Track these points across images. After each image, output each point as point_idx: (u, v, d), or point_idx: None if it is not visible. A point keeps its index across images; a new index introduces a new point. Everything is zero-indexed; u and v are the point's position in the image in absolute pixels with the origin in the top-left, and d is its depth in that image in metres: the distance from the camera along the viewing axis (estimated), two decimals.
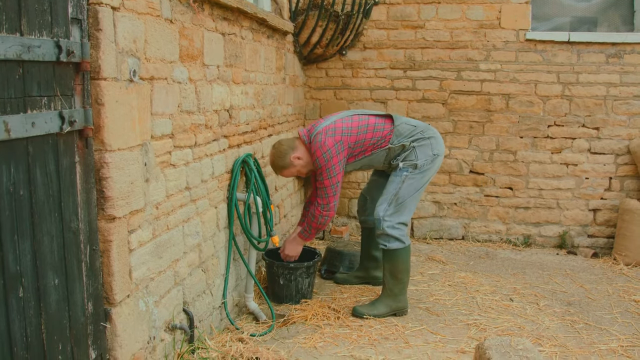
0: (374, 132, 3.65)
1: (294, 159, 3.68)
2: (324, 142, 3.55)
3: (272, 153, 3.76)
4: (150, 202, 2.44)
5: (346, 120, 3.67)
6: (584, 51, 5.27)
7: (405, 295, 3.74)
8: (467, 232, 5.61)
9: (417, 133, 3.68)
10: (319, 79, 5.66)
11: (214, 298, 3.26)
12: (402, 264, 3.66)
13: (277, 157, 3.71)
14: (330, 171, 3.58)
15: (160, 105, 2.50)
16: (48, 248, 1.80)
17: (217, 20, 3.16)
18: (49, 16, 1.77)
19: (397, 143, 3.66)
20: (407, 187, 3.62)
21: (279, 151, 3.71)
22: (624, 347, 3.35)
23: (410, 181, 3.63)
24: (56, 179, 1.84)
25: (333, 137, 3.57)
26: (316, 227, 3.74)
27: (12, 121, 1.59)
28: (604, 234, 5.42)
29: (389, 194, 3.63)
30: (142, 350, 2.39)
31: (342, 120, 3.66)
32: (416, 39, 5.47)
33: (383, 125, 3.68)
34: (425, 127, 3.73)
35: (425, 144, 3.67)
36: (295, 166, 3.71)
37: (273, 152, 3.75)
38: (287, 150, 3.69)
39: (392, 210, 3.62)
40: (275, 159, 3.73)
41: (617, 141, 5.32)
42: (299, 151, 3.69)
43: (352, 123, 3.65)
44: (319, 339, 3.32)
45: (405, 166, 3.64)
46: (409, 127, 3.69)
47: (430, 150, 3.67)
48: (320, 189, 3.65)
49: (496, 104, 5.42)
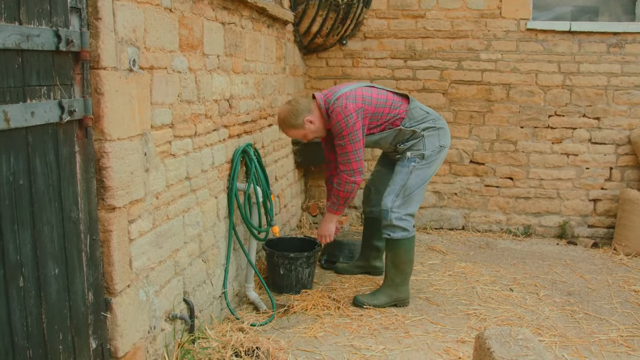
0: (391, 109, 3.58)
1: (307, 121, 3.57)
2: (346, 106, 3.45)
3: (286, 109, 3.58)
4: (151, 192, 2.44)
5: (366, 90, 3.57)
6: (585, 41, 5.25)
7: (406, 286, 3.72)
8: (467, 222, 5.61)
9: (429, 121, 3.62)
10: (320, 69, 5.64)
11: (214, 288, 3.26)
12: (405, 255, 3.63)
13: (291, 115, 3.55)
14: (352, 136, 3.47)
15: (160, 95, 2.49)
16: (48, 238, 1.80)
17: (217, 9, 3.14)
18: (48, 5, 1.75)
19: (409, 126, 3.59)
20: (415, 178, 3.58)
21: (295, 109, 3.55)
22: (623, 337, 3.36)
23: (418, 172, 3.58)
24: (56, 168, 1.83)
25: (354, 103, 3.47)
26: (344, 197, 3.62)
27: (11, 110, 1.59)
28: (604, 224, 5.42)
29: (396, 185, 3.59)
30: (143, 339, 2.39)
31: (362, 89, 3.57)
32: (417, 28, 5.44)
33: (400, 104, 3.61)
34: (437, 117, 3.68)
35: (434, 134, 3.62)
36: (305, 129, 3.59)
37: (288, 108, 3.58)
38: (302, 110, 3.55)
39: (400, 202, 3.58)
40: (287, 115, 3.56)
41: (617, 131, 5.31)
42: (313, 115, 3.58)
43: (372, 94, 3.56)
44: (319, 329, 3.33)
45: (412, 156, 3.59)
46: (422, 113, 3.64)
47: (438, 141, 3.63)
48: (342, 155, 3.53)
49: (497, 94, 5.41)
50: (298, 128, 3.58)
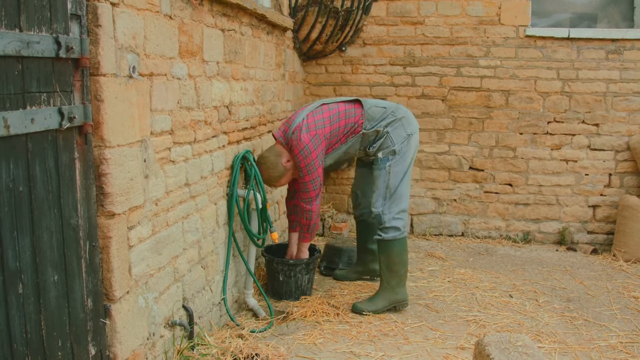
0: (347, 119, 3.66)
1: (286, 163, 3.67)
2: (300, 138, 3.55)
3: (264, 168, 3.65)
4: (150, 198, 2.44)
5: (317, 112, 3.65)
6: (584, 47, 5.27)
7: (404, 288, 3.73)
8: (466, 228, 5.61)
9: (389, 115, 3.68)
10: (319, 75, 5.65)
11: (214, 294, 3.26)
12: (397, 256, 3.66)
13: (271, 169, 3.65)
14: (310, 167, 3.59)
15: (159, 102, 2.49)
16: (47, 244, 1.80)
17: (216, 16, 3.15)
18: (48, 12, 1.76)
19: (370, 128, 3.67)
20: (395, 176, 3.63)
21: (270, 162, 3.65)
22: (623, 343, 3.35)
23: (395, 169, 3.63)
24: (55, 175, 1.83)
25: (307, 132, 3.56)
26: (307, 224, 3.79)
27: (11, 117, 1.59)
28: (604, 230, 5.42)
29: (380, 189, 3.64)
30: (142, 346, 2.39)
31: (313, 114, 3.64)
32: (416, 35, 5.46)
33: (354, 111, 3.69)
34: (395, 107, 3.73)
35: (397, 125, 3.67)
36: (289, 170, 3.70)
37: (264, 166, 3.65)
38: (275, 159, 3.65)
39: (389, 202, 3.63)
40: (269, 171, 3.65)
41: (616, 137, 5.31)
42: (285, 155, 3.67)
43: (322, 114, 3.64)
44: (319, 335, 3.32)
45: (385, 155, 3.65)
46: (379, 110, 3.70)
47: (404, 131, 3.67)
48: (302, 184, 3.68)
49: (496, 100, 5.42)
50: (284, 174, 3.70)
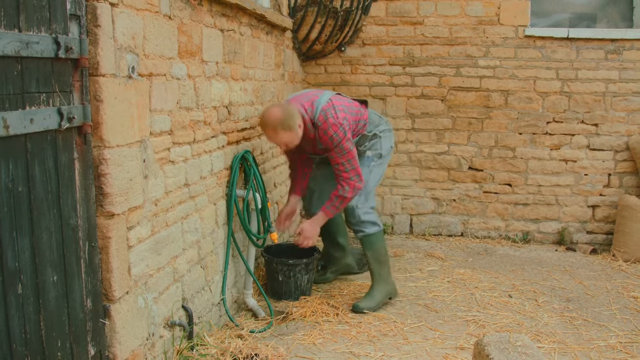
0: (360, 116, 3.72)
1: (299, 126, 3.40)
2: (337, 116, 3.42)
3: (281, 110, 3.33)
4: (149, 198, 2.44)
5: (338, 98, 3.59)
6: (583, 47, 5.27)
7: (391, 277, 3.87)
8: (466, 228, 5.61)
9: (383, 123, 3.87)
10: (318, 75, 5.65)
11: (213, 295, 3.26)
12: (382, 247, 3.80)
13: (288, 116, 3.32)
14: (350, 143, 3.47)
15: (159, 102, 2.49)
16: (47, 245, 1.80)
17: (215, 16, 3.15)
18: (48, 12, 1.76)
19: (369, 131, 3.79)
20: (375, 176, 3.81)
21: (292, 111, 3.35)
22: (622, 343, 3.36)
23: (376, 169, 3.81)
24: (55, 175, 1.83)
25: (342, 112, 3.47)
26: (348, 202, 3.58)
27: (10, 117, 1.59)
28: (603, 230, 5.42)
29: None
30: (141, 346, 2.39)
31: (334, 97, 3.56)
32: (415, 35, 5.46)
33: (363, 111, 3.77)
34: (386, 120, 3.92)
35: (388, 135, 3.86)
36: (296, 134, 3.38)
37: (282, 109, 3.34)
38: (296, 114, 3.38)
39: (364, 198, 3.73)
40: (285, 116, 3.31)
41: (616, 137, 5.32)
42: (301, 120, 3.44)
43: (344, 102, 3.58)
44: (318, 336, 3.32)
45: (371, 155, 3.80)
46: (376, 117, 3.87)
47: (389, 143, 3.87)
48: (346, 163, 3.47)
49: (495, 101, 5.42)
50: (291, 131, 3.34)
